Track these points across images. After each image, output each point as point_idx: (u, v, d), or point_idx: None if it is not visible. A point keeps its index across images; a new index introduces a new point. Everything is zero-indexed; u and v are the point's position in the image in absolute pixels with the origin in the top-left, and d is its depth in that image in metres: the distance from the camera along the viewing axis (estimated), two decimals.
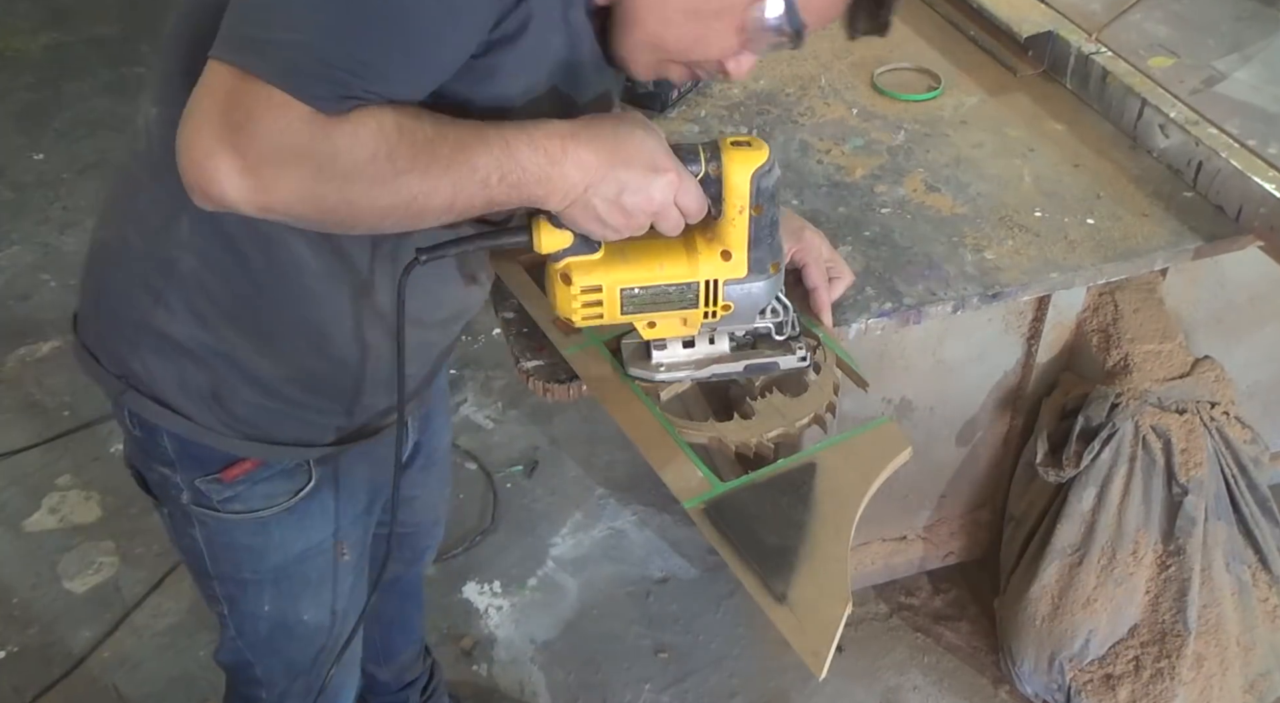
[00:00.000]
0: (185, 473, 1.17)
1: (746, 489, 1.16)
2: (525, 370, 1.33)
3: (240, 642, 1.34)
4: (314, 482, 1.20)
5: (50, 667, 2.10)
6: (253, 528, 1.21)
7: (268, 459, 1.16)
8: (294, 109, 0.82)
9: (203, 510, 1.19)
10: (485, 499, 2.41)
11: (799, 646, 1.05)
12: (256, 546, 1.23)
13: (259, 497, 1.18)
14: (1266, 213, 1.49)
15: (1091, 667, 1.87)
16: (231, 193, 0.83)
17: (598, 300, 1.07)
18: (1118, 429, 1.77)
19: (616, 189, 0.95)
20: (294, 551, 1.25)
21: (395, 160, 0.86)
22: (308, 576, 1.28)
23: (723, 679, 2.09)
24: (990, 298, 1.45)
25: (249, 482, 1.17)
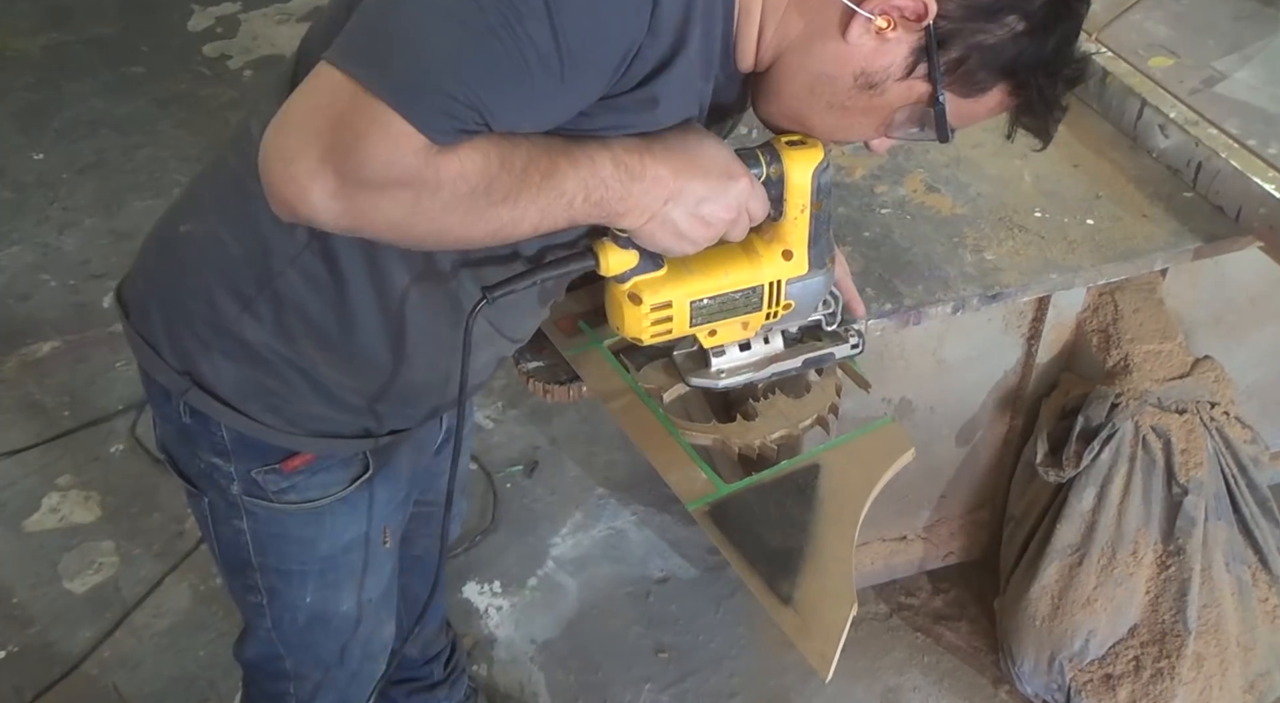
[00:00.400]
0: (241, 463, 1.15)
1: (750, 491, 1.16)
2: (525, 371, 1.33)
3: (275, 634, 1.33)
4: (370, 472, 1.21)
5: (50, 667, 2.10)
6: (306, 518, 1.20)
7: (327, 453, 1.17)
8: (409, 139, 0.80)
9: (255, 501, 1.18)
10: (485, 499, 2.40)
11: (805, 648, 1.05)
12: (308, 536, 1.23)
13: (315, 487, 1.18)
14: (1266, 213, 1.49)
15: (1091, 667, 1.88)
16: (322, 213, 0.82)
17: (667, 316, 1.06)
18: (1118, 429, 1.77)
19: (695, 201, 0.94)
20: (343, 540, 1.25)
21: (492, 193, 0.85)
22: (353, 564, 1.28)
23: (723, 679, 2.09)
24: (990, 298, 1.45)
25: (308, 472, 1.17)
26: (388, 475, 1.25)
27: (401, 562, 1.64)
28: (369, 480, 1.22)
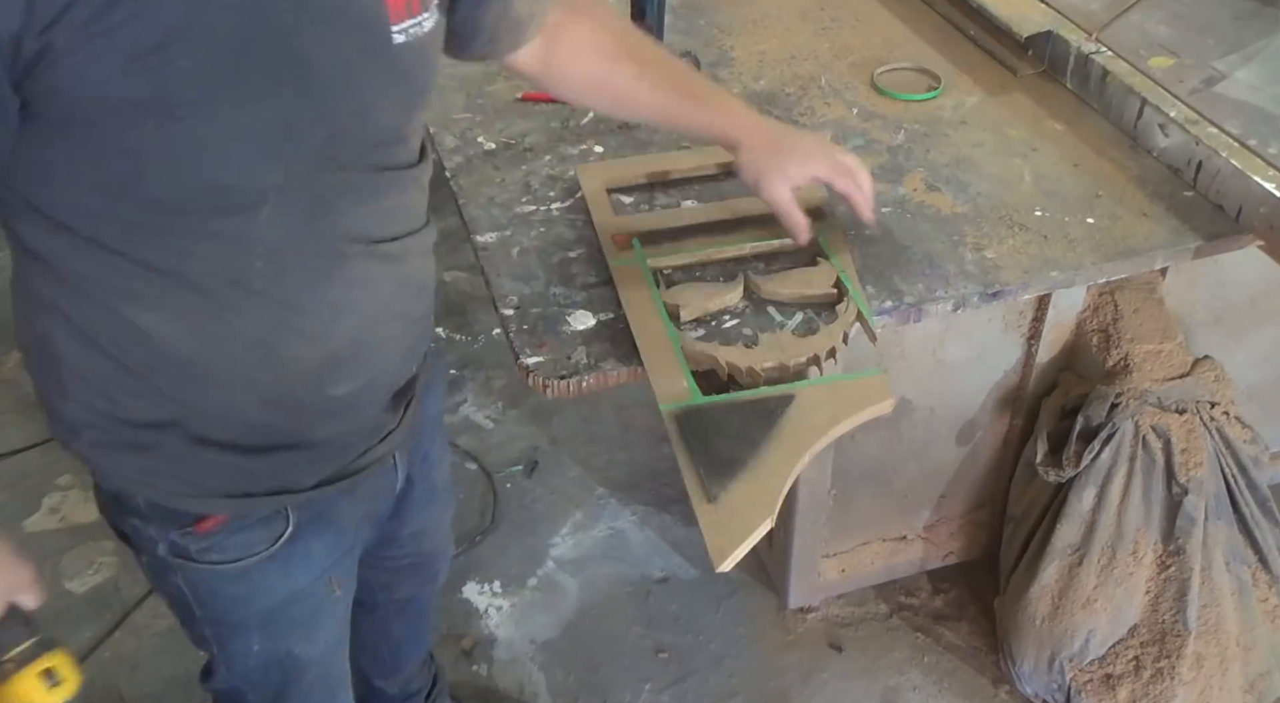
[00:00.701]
0: (159, 527, 1.14)
1: (722, 407, 1.20)
2: (526, 367, 1.33)
3: (230, 675, 1.32)
4: (292, 528, 1.17)
5: None
6: (233, 576, 1.18)
7: (239, 513, 1.14)
8: None
9: (181, 561, 1.17)
10: (485, 499, 2.41)
11: (711, 541, 1.07)
12: (240, 593, 1.20)
13: (236, 546, 1.16)
14: (1266, 212, 1.49)
15: (1091, 667, 1.87)
16: None
17: None
18: (1118, 429, 1.77)
19: None
20: (280, 595, 1.22)
21: None
22: (296, 616, 1.26)
23: (723, 679, 2.09)
24: (990, 297, 1.45)
25: (224, 533, 1.14)
26: (321, 529, 1.21)
27: (385, 607, 1.63)
28: (293, 538, 1.18)
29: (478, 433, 2.55)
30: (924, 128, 1.75)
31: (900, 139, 1.72)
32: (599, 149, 1.70)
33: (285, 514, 1.17)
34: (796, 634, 2.15)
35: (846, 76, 1.87)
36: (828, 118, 1.77)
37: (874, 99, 1.82)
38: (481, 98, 1.82)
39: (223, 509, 1.12)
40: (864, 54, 1.93)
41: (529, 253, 1.51)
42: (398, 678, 1.80)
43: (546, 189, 1.62)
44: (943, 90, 1.83)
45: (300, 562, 1.21)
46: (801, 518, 2.00)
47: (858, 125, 1.75)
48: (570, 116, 1.78)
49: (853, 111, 1.79)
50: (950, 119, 1.77)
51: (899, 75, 1.87)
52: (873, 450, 1.96)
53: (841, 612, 2.18)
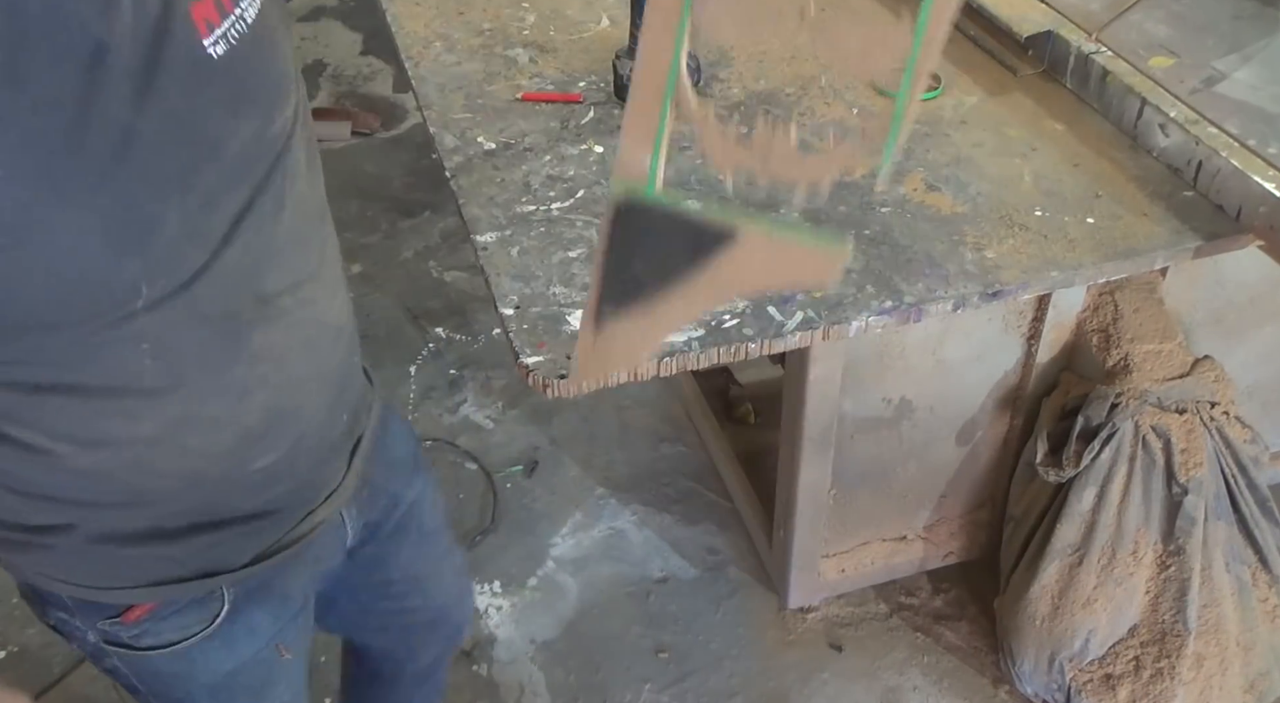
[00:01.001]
0: (86, 619, 1.08)
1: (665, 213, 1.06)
2: (526, 367, 1.33)
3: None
4: (229, 606, 1.10)
5: (50, 667, 2.10)
6: (171, 659, 1.11)
7: (167, 599, 1.06)
8: None
9: (114, 648, 1.10)
10: (485, 499, 2.41)
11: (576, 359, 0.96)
12: (182, 672, 1.13)
13: (170, 630, 1.09)
14: (1266, 212, 1.49)
15: (1091, 667, 1.88)
16: None
17: None
18: (1118, 429, 1.77)
19: None
20: (224, 669, 1.15)
21: None
22: (246, 684, 1.19)
23: (723, 679, 2.09)
24: (990, 296, 1.45)
25: (153, 619, 1.07)
26: (264, 599, 1.13)
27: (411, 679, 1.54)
28: (230, 616, 1.10)
29: (478, 433, 2.55)
30: (924, 128, 1.74)
31: None
32: (599, 149, 1.70)
33: (220, 594, 1.09)
34: (796, 634, 2.15)
35: (846, 76, 1.87)
36: (828, 118, 1.77)
37: (874, 99, 1.82)
38: (481, 98, 1.82)
39: (147, 599, 1.05)
40: None
41: (529, 253, 1.51)
42: None
43: (546, 189, 1.62)
44: (943, 90, 1.83)
45: (243, 636, 1.14)
46: (801, 518, 2.00)
47: (858, 125, 1.75)
48: (570, 116, 1.78)
49: (853, 112, 1.79)
50: (950, 119, 1.77)
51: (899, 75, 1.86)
52: (873, 450, 1.96)
53: (841, 612, 2.18)
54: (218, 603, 1.09)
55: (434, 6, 2.08)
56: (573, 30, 2.01)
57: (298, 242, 0.97)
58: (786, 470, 1.96)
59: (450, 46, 1.96)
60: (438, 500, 1.41)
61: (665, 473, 2.44)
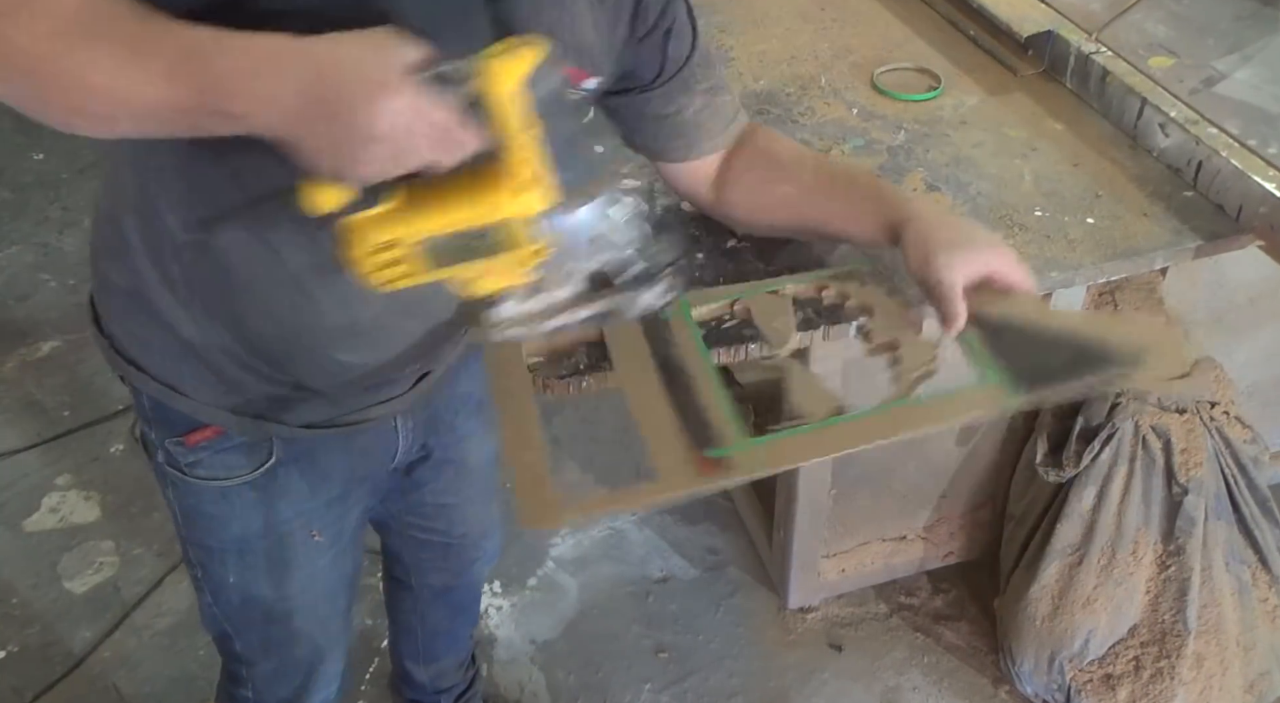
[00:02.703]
0: (159, 432, 1.18)
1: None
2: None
3: (216, 610, 1.34)
4: (274, 459, 1.19)
5: (50, 667, 2.09)
6: (214, 496, 1.21)
7: (227, 428, 1.16)
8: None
9: (173, 472, 1.21)
10: None
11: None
12: (219, 514, 1.23)
13: (220, 466, 1.19)
14: (1266, 212, 1.49)
15: (1091, 667, 1.87)
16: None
17: (394, 259, 0.89)
18: (1118, 429, 1.77)
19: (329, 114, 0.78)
20: (255, 525, 1.24)
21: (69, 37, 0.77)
22: (271, 552, 1.27)
23: (723, 679, 2.09)
24: None
25: (210, 449, 1.17)
26: (305, 470, 1.22)
27: (422, 591, 1.67)
28: (274, 470, 1.20)
29: None
30: (924, 128, 1.74)
31: (900, 139, 1.72)
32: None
33: (270, 444, 1.18)
34: (796, 634, 2.15)
35: (846, 76, 1.87)
36: (828, 117, 1.77)
37: (874, 99, 1.82)
38: None
39: (210, 419, 1.14)
40: (864, 54, 1.92)
41: None
42: (430, 668, 1.82)
43: None
44: (943, 90, 1.83)
45: (279, 496, 1.22)
46: (801, 518, 2.00)
47: (858, 125, 1.75)
48: None
49: (853, 111, 1.79)
50: (950, 119, 1.77)
51: (899, 75, 1.87)
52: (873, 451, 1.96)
53: (841, 612, 2.18)
54: (265, 452, 1.18)
55: None
56: None
57: None
58: (786, 471, 1.96)
59: None
60: (490, 442, 1.47)
61: None
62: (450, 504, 1.49)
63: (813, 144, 1.71)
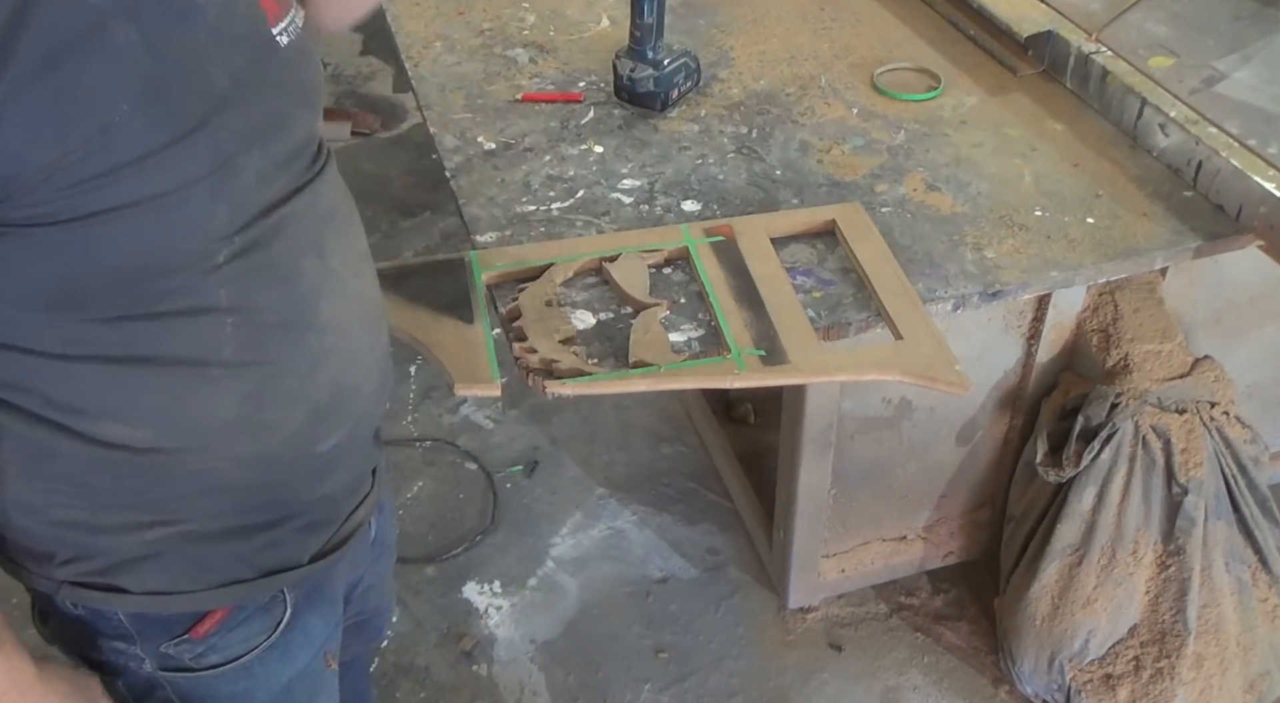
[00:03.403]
0: (147, 643, 1.07)
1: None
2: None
3: None
4: (291, 610, 1.12)
5: None
6: (234, 676, 1.11)
7: (240, 602, 1.07)
8: None
9: (173, 674, 1.09)
10: (485, 499, 2.41)
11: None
12: (240, 691, 1.13)
13: (237, 642, 1.10)
14: (1266, 212, 1.49)
15: (1091, 667, 1.87)
16: None
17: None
18: (1118, 429, 1.77)
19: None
20: (280, 682, 1.16)
21: None
22: (298, 700, 1.20)
23: (723, 679, 2.09)
24: (990, 296, 1.46)
25: (223, 630, 1.08)
26: (317, 604, 1.16)
27: None
28: (293, 620, 1.12)
29: (478, 433, 2.55)
30: (924, 128, 1.75)
31: (900, 139, 1.72)
32: (599, 149, 1.70)
33: (283, 597, 1.11)
34: (796, 634, 2.15)
35: (846, 76, 1.87)
36: (827, 117, 1.77)
37: (874, 99, 1.82)
38: (481, 98, 1.82)
39: (221, 602, 1.06)
40: (864, 54, 1.93)
41: None
42: None
43: (546, 189, 1.62)
44: (943, 90, 1.83)
45: (300, 643, 1.16)
46: (801, 518, 2.00)
47: (858, 125, 1.76)
48: (570, 116, 1.78)
49: (853, 111, 1.79)
50: (950, 119, 1.77)
51: (899, 75, 1.87)
52: (873, 451, 1.96)
53: (841, 612, 2.18)
54: (280, 609, 1.11)
55: (434, 6, 2.08)
56: (572, 30, 2.01)
57: (346, 214, 1.05)
58: (786, 470, 1.96)
59: (450, 47, 1.96)
60: (393, 510, 1.43)
61: (665, 473, 2.45)
62: (370, 585, 1.39)
63: (813, 144, 1.71)
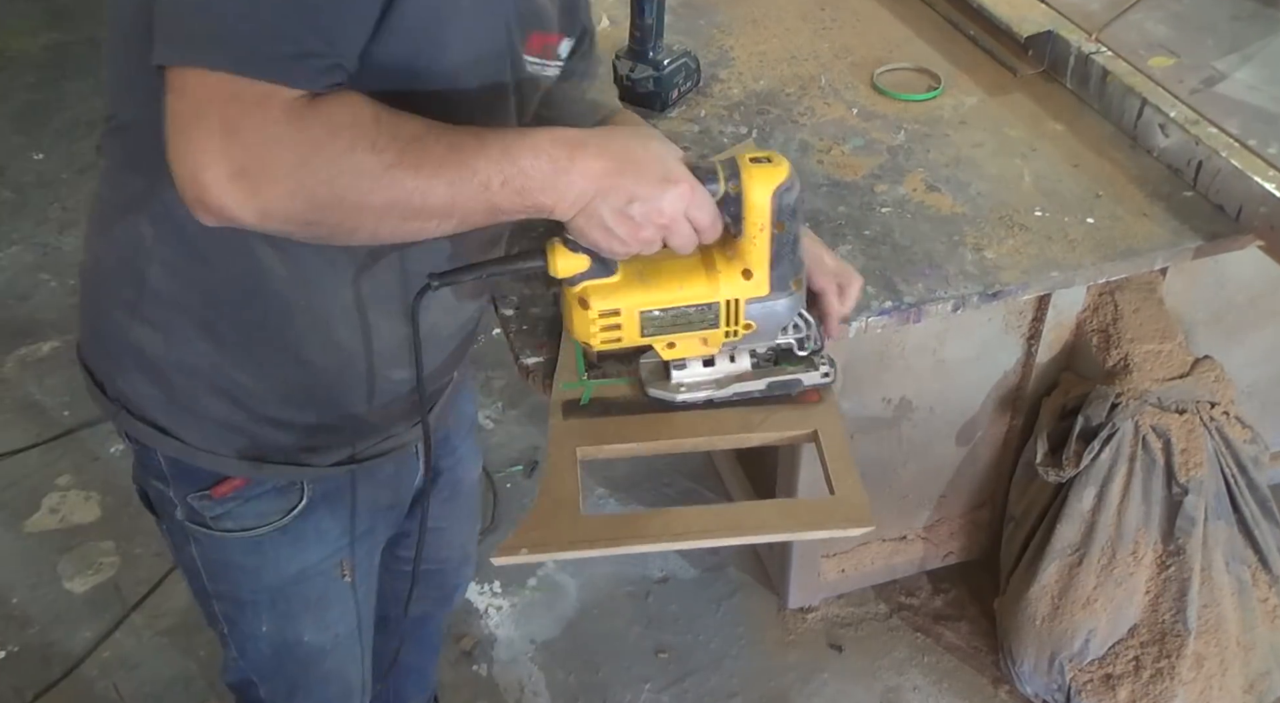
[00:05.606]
0: (179, 489, 1.15)
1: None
2: (526, 367, 1.33)
3: (244, 662, 1.32)
4: (306, 502, 1.18)
5: (50, 667, 2.10)
6: (246, 546, 1.19)
7: (256, 478, 1.14)
8: (269, 100, 0.80)
9: (197, 527, 1.18)
10: (485, 499, 2.40)
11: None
12: (251, 564, 1.21)
13: (251, 515, 1.17)
14: (1266, 212, 1.49)
15: (1091, 667, 1.88)
16: (229, 203, 0.80)
17: (616, 324, 1.04)
18: (1118, 429, 1.77)
19: (625, 198, 0.91)
20: (289, 570, 1.23)
21: (380, 153, 0.82)
22: (306, 596, 1.26)
23: (723, 679, 2.09)
24: (990, 297, 1.45)
25: (239, 499, 1.15)
26: (336, 508, 1.22)
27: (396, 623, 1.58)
28: (306, 512, 1.18)
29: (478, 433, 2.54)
30: (924, 128, 1.74)
31: (900, 139, 1.72)
32: None
33: (300, 487, 1.17)
34: (796, 634, 2.15)
35: (846, 76, 1.87)
36: (827, 117, 1.77)
37: (874, 99, 1.82)
38: None
39: (239, 471, 1.13)
40: (864, 54, 1.92)
41: None
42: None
43: None
44: (943, 90, 1.83)
45: (312, 537, 1.21)
46: None
47: (858, 125, 1.75)
48: None
49: (853, 111, 1.79)
50: (950, 119, 1.77)
51: (899, 75, 1.87)
52: (873, 450, 1.96)
53: (841, 612, 2.18)
54: (296, 496, 1.17)
55: None
56: None
57: None
58: (786, 470, 1.96)
59: None
60: (478, 465, 1.50)
61: (665, 473, 2.44)
62: (441, 529, 1.47)
63: (813, 144, 1.71)
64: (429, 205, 0.86)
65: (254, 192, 0.80)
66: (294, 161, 0.81)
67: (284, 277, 1.01)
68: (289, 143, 0.80)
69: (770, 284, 1.04)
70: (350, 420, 1.14)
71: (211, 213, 0.82)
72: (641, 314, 1.04)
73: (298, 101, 0.81)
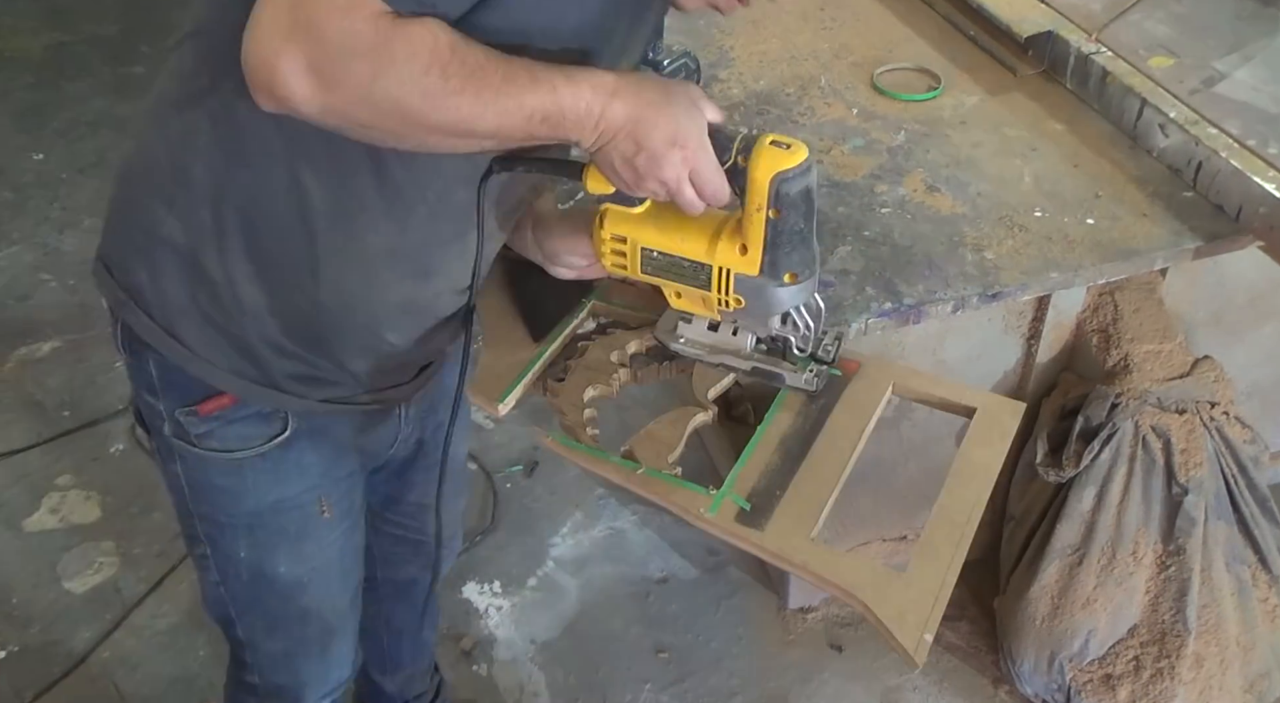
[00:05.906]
0: (167, 402, 1.18)
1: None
2: None
3: (223, 589, 1.33)
4: (289, 432, 1.21)
5: (50, 667, 2.09)
6: (227, 469, 1.22)
7: (244, 397, 1.16)
8: (358, 8, 0.84)
9: (181, 444, 1.20)
10: (485, 499, 2.40)
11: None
12: (231, 487, 1.24)
13: (234, 437, 1.19)
14: (1266, 212, 1.49)
15: (1091, 667, 1.87)
16: (295, 93, 0.85)
17: (622, 251, 1.13)
18: (1118, 429, 1.77)
19: (633, 149, 0.98)
20: (268, 499, 1.25)
21: (448, 78, 0.88)
22: (284, 527, 1.28)
23: (723, 679, 2.09)
24: (990, 297, 1.45)
25: (223, 420, 1.18)
26: (318, 444, 1.25)
27: (385, 586, 1.64)
28: (288, 442, 1.21)
29: (478, 433, 2.55)
30: (924, 128, 1.74)
31: (900, 139, 1.72)
32: None
33: (285, 416, 1.20)
34: (796, 634, 2.15)
35: (846, 76, 1.87)
36: (828, 117, 1.77)
37: (874, 99, 1.82)
38: None
39: (225, 385, 1.15)
40: (864, 54, 1.92)
41: None
42: (396, 676, 1.80)
43: None
44: (943, 90, 1.83)
45: (292, 469, 1.24)
46: None
47: (858, 125, 1.75)
48: None
49: (853, 111, 1.79)
50: (950, 119, 1.77)
51: (899, 75, 1.87)
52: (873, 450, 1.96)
53: (841, 612, 2.18)
54: (280, 424, 1.20)
55: None
56: None
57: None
58: None
59: None
60: (465, 436, 1.52)
61: None
62: (427, 503, 1.49)
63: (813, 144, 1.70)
64: (477, 129, 0.93)
65: (324, 89, 0.86)
66: (368, 73, 0.86)
67: (317, 204, 1.04)
68: (367, 53, 0.85)
69: (761, 267, 1.07)
70: (337, 371, 1.17)
71: (275, 100, 0.87)
72: (642, 250, 1.12)
73: (384, 16, 0.85)
